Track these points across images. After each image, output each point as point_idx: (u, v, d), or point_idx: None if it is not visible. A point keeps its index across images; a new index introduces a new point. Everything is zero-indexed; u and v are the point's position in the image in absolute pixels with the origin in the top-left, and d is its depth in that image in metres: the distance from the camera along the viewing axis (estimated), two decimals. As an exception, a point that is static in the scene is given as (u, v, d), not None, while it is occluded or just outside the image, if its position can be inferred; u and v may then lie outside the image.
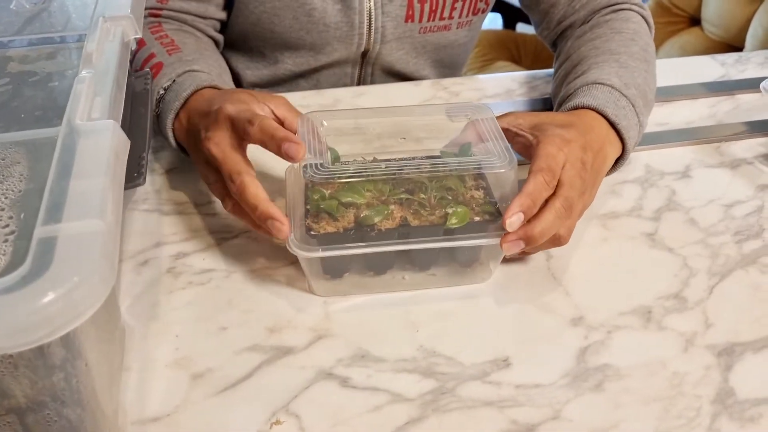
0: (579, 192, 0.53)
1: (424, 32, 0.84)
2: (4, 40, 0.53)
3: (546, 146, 0.53)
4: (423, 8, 0.81)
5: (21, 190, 0.37)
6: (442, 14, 0.82)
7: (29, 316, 0.29)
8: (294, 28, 0.80)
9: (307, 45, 0.82)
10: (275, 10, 0.78)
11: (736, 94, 0.82)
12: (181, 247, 0.60)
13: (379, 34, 0.82)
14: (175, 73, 0.65)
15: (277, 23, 0.79)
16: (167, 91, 0.63)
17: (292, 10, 0.78)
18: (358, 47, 0.83)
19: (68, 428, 0.39)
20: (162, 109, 0.63)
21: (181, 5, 0.75)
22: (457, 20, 0.84)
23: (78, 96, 0.42)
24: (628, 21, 0.74)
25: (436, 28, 0.84)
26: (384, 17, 0.80)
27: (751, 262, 0.59)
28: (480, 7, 0.84)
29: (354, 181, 0.52)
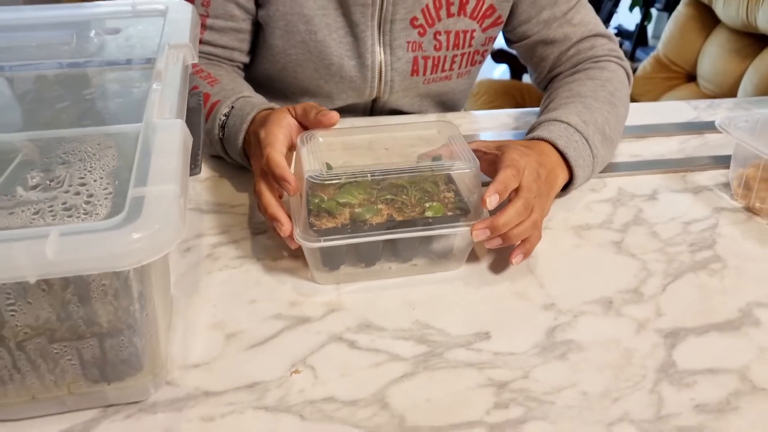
0: (535, 195, 0.64)
1: (427, 83, 0.96)
2: (89, 59, 0.66)
3: (510, 153, 0.65)
4: (426, 64, 0.93)
5: (114, 166, 0.49)
6: (443, 67, 0.95)
7: (124, 247, 0.40)
8: (314, 77, 0.92)
9: (325, 92, 0.94)
10: (299, 62, 0.90)
11: (704, 133, 0.94)
12: (218, 239, 0.71)
13: (388, 86, 0.94)
14: (230, 100, 0.76)
15: (299, 72, 0.91)
16: (228, 117, 0.75)
17: (313, 62, 0.90)
18: (369, 95, 0.95)
19: (134, 355, 0.49)
20: (229, 132, 0.74)
21: (208, 49, 0.88)
22: (457, 71, 0.96)
23: (153, 101, 0.54)
24: (604, 70, 0.86)
25: (438, 79, 0.96)
26: (392, 72, 0.92)
27: (701, 267, 0.69)
28: (477, 59, 0.96)
29: (347, 186, 0.63)
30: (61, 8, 0.73)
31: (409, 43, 0.89)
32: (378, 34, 0.87)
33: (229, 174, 0.81)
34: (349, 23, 0.86)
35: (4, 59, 0.67)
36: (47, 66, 0.67)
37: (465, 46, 0.91)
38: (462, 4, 0.87)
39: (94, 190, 0.46)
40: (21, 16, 0.73)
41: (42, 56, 0.68)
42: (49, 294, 0.44)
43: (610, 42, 0.90)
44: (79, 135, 0.52)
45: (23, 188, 0.46)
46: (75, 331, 0.46)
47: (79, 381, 0.50)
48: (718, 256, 0.71)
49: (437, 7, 0.87)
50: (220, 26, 0.87)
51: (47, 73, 0.67)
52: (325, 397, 0.54)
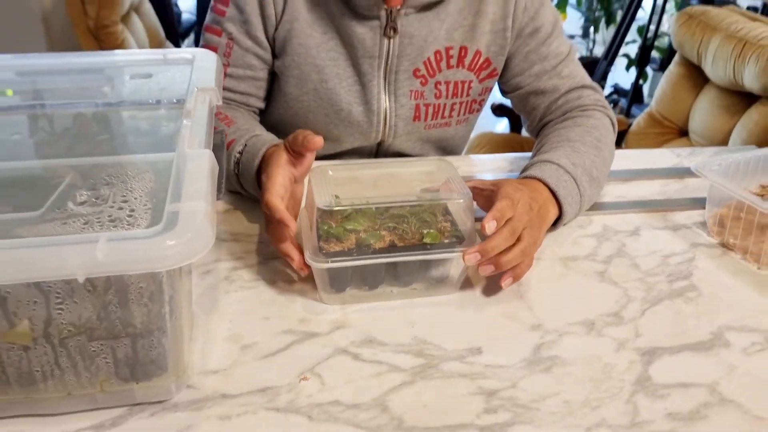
0: (525, 224, 0.71)
1: (428, 129, 1.04)
2: (124, 100, 0.74)
3: (506, 188, 0.72)
4: (427, 111, 1.01)
5: (151, 187, 0.56)
6: (443, 114, 1.03)
7: (161, 252, 0.47)
8: (324, 122, 1.00)
9: (334, 135, 1.02)
10: (311, 108, 0.98)
11: (684, 178, 1.01)
12: (235, 264, 0.77)
13: (392, 130, 1.02)
14: (244, 140, 0.84)
15: (311, 117, 1.00)
16: (242, 154, 0.83)
17: (324, 108, 0.98)
18: (375, 139, 1.03)
19: (161, 356, 0.55)
20: (243, 168, 0.82)
21: (227, 94, 0.96)
22: (456, 118, 1.04)
23: (184, 135, 0.61)
24: (590, 118, 0.94)
25: (438, 125, 1.04)
26: (396, 118, 1.00)
27: (678, 295, 0.75)
28: (474, 107, 1.05)
29: (353, 214, 0.70)
30: (99, 55, 0.82)
31: (412, 92, 0.97)
32: (384, 83, 0.96)
33: (244, 207, 0.88)
34: (358, 73, 0.95)
35: (46, 99, 0.75)
36: (85, 105, 0.75)
37: (463, 95, 0.99)
38: (460, 57, 0.96)
39: (135, 206, 0.53)
40: (62, 62, 0.82)
41: (80, 97, 0.76)
42: (92, 295, 0.50)
43: (595, 93, 0.99)
44: (120, 162, 0.59)
45: (73, 204, 0.53)
46: (112, 331, 0.52)
47: (111, 379, 0.55)
48: (693, 285, 0.77)
49: (438, 60, 0.95)
50: (239, 74, 0.96)
51: (85, 111, 0.75)
52: (331, 401, 0.59)
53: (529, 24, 0.96)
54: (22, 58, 0.77)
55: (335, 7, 0.91)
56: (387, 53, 0.93)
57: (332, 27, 0.93)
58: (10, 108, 0.71)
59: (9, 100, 0.72)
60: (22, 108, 0.71)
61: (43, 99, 0.76)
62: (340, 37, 0.93)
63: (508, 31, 0.96)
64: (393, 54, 0.93)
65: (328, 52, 0.93)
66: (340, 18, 0.92)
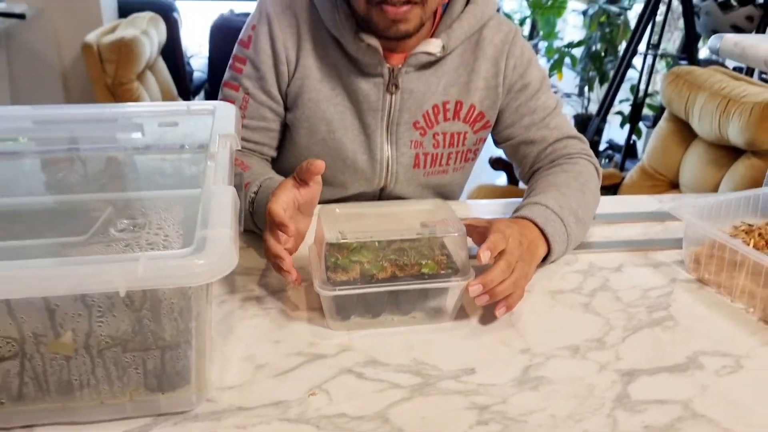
0: (517, 258, 0.78)
1: (427, 176, 1.12)
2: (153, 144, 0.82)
3: (498, 224, 0.80)
4: (426, 159, 1.10)
5: (182, 218, 0.63)
6: (441, 162, 1.11)
7: (192, 270, 0.54)
8: (332, 169, 1.08)
9: (340, 182, 1.10)
10: (320, 156, 1.06)
11: (665, 221, 1.08)
12: (248, 294, 0.84)
13: (393, 177, 1.10)
14: (259, 181, 0.92)
15: None
16: (257, 194, 0.91)
17: (331, 157, 1.07)
18: (378, 185, 1.11)
19: (186, 368, 0.61)
20: (257, 206, 0.90)
21: (243, 143, 1.05)
22: (453, 166, 1.13)
23: (210, 174, 0.69)
24: (576, 165, 1.02)
25: (436, 172, 1.12)
26: (397, 165, 1.09)
27: (656, 324, 0.81)
28: (470, 156, 1.13)
29: (358, 248, 0.77)
30: (131, 106, 0.91)
31: (412, 142, 1.06)
32: (386, 134, 1.05)
33: (257, 245, 0.96)
34: (363, 125, 1.04)
35: (80, 143, 0.84)
36: (115, 149, 0.83)
37: (459, 145, 1.08)
38: (456, 111, 1.05)
39: (169, 232, 0.61)
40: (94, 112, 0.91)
41: (115, 142, 0.85)
42: (130, 309, 0.57)
43: (580, 143, 1.07)
44: (153, 196, 0.67)
45: (115, 230, 0.60)
46: (144, 343, 0.59)
47: (140, 389, 0.61)
48: (671, 315, 0.83)
49: (435, 113, 1.04)
50: (254, 125, 1.05)
51: (116, 155, 0.83)
52: (337, 413, 0.65)
53: (519, 81, 1.06)
54: (61, 108, 0.86)
55: (342, 65, 1.01)
56: (389, 107, 1.03)
57: (340, 83, 1.02)
58: (53, 151, 0.79)
59: (53, 145, 0.80)
60: (63, 151, 0.79)
61: (79, 143, 0.85)
62: (346, 92, 1.02)
63: (499, 87, 1.05)
64: (395, 108, 1.03)
65: (336, 106, 1.02)
66: (347, 75, 1.01)
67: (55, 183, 0.73)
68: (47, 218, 0.65)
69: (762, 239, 0.94)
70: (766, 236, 0.94)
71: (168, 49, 2.86)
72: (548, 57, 4.17)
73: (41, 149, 0.78)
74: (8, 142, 0.83)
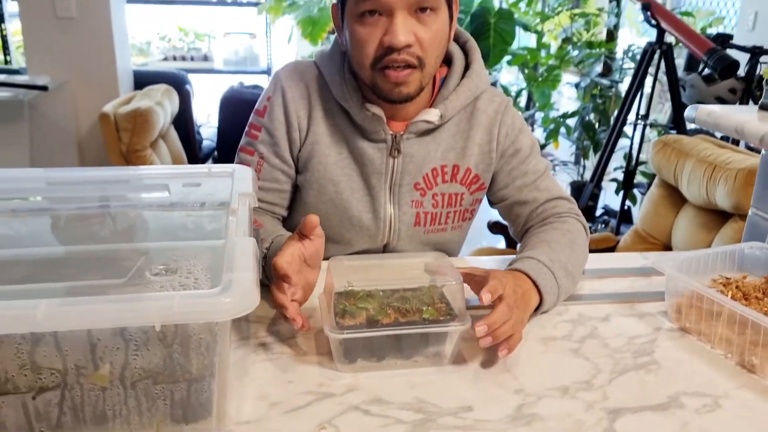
0: (514, 305, 0.85)
1: (427, 233, 1.20)
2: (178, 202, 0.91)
3: (495, 273, 0.88)
4: (426, 218, 1.18)
5: (209, 264, 0.71)
6: (440, 221, 1.20)
7: (220, 306, 0.61)
8: (338, 227, 1.17)
9: (346, 239, 1.19)
10: (328, 215, 1.16)
11: (651, 276, 1.16)
12: (261, 340, 0.91)
13: (396, 234, 1.18)
14: (270, 238, 1.01)
15: (326, 223, 1.17)
16: (269, 249, 0.99)
17: (338, 216, 1.16)
18: (381, 242, 1.19)
19: (209, 400, 0.68)
20: (269, 260, 0.97)
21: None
22: (451, 225, 1.21)
23: (232, 227, 0.77)
24: (565, 223, 1.10)
25: (436, 230, 1.20)
26: (400, 223, 1.18)
27: (641, 367, 0.87)
28: (466, 216, 1.22)
29: (364, 296, 0.85)
30: (158, 168, 1.00)
31: (413, 202, 1.14)
32: (389, 195, 1.14)
33: (268, 297, 1.02)
34: (367, 186, 1.13)
35: (110, 201, 0.92)
36: (145, 206, 0.92)
37: (456, 205, 1.17)
38: (453, 174, 1.14)
39: (198, 276, 0.68)
40: (125, 174, 1.00)
41: (141, 200, 0.93)
42: (162, 343, 0.64)
43: (569, 203, 1.16)
44: (183, 246, 0.75)
45: (150, 274, 0.68)
46: (173, 375, 0.66)
47: (166, 420, 0.68)
48: (655, 360, 0.89)
49: (434, 176, 1.14)
50: (268, 187, 1.14)
51: (144, 212, 0.92)
52: (345, 445, 0.71)
53: (511, 147, 1.15)
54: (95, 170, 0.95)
55: (349, 132, 1.11)
56: (392, 170, 1.12)
57: (347, 148, 1.12)
58: (88, 208, 0.88)
59: (87, 202, 0.89)
60: (98, 208, 0.88)
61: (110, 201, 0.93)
62: (353, 156, 1.12)
63: (493, 153, 1.15)
64: (397, 170, 1.12)
65: (343, 168, 1.12)
66: (353, 141, 1.11)
67: (92, 235, 0.81)
68: (88, 265, 0.73)
69: (739, 291, 1.01)
70: (742, 288, 1.01)
71: (180, 118, 3.01)
72: (544, 126, 4.33)
73: (80, 206, 0.86)
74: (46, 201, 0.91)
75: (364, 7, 0.97)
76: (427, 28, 1.00)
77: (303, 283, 0.91)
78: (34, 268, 0.74)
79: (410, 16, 0.98)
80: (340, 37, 1.09)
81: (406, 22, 0.98)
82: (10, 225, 0.89)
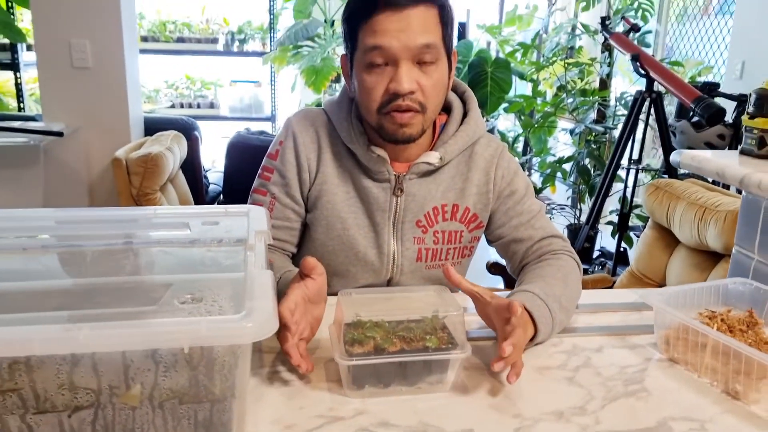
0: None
1: (428, 269, 1.27)
2: (198, 239, 0.98)
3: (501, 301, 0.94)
4: (427, 254, 1.25)
5: (231, 294, 0.77)
6: (440, 257, 1.27)
7: (243, 330, 0.67)
8: (344, 262, 1.24)
9: (351, 274, 1.25)
10: (335, 251, 1.23)
11: (642, 311, 1.22)
12: (274, 369, 0.96)
13: (399, 269, 1.25)
14: (279, 274, 1.08)
15: (333, 259, 1.24)
16: (278, 284, 1.05)
17: (345, 251, 1.23)
18: (385, 277, 1.26)
19: (230, 420, 0.73)
20: (278, 295, 1.04)
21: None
22: (451, 261, 1.28)
23: (250, 261, 0.84)
24: (559, 260, 1.17)
25: (436, 266, 1.27)
26: (402, 259, 1.25)
27: (632, 395, 0.93)
28: (466, 253, 1.29)
29: (372, 326, 0.91)
30: (179, 208, 1.07)
31: (415, 238, 1.22)
32: (392, 231, 1.21)
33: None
34: (372, 223, 1.20)
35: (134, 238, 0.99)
36: (165, 243, 0.99)
37: (456, 242, 1.24)
38: (453, 212, 1.22)
39: (222, 304, 0.75)
40: (143, 213, 1.07)
41: (161, 237, 1.00)
42: (189, 365, 0.70)
43: (562, 241, 1.23)
44: (206, 278, 0.82)
45: (178, 302, 0.74)
46: (197, 396, 0.71)
47: (190, 438, 0.73)
48: (645, 388, 0.95)
49: (435, 214, 1.21)
50: (279, 225, 1.21)
51: (165, 248, 0.98)
52: (355, 463, 0.76)
53: (507, 188, 1.23)
54: (122, 210, 1.03)
55: (356, 172, 1.19)
56: (395, 208, 1.19)
57: (353, 187, 1.20)
58: (114, 244, 0.95)
59: (113, 239, 0.96)
60: (123, 244, 0.95)
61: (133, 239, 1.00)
62: (359, 195, 1.20)
63: (490, 193, 1.23)
64: (400, 209, 1.19)
65: (350, 207, 1.19)
66: (359, 181, 1.19)
67: (119, 269, 0.88)
68: (119, 295, 0.79)
69: (724, 324, 1.07)
70: (727, 321, 1.07)
71: (188, 163, 3.10)
72: (541, 171, 4.43)
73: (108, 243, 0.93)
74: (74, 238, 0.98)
75: (373, 58, 1.07)
76: (428, 77, 1.09)
77: (310, 320, 0.97)
78: (68, 298, 0.81)
79: (413, 66, 1.08)
80: (348, 84, 1.18)
81: (410, 72, 1.07)
82: (41, 260, 0.96)
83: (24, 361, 0.67)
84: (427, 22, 1.07)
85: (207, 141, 3.79)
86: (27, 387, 0.68)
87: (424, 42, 1.06)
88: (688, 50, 4.53)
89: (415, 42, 1.06)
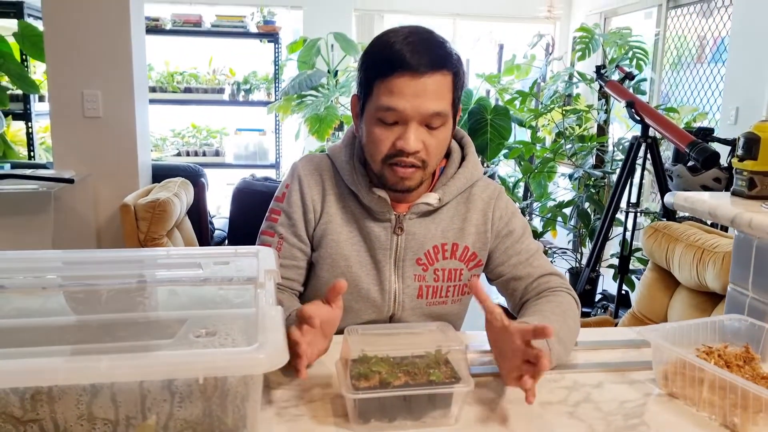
0: None
1: (429, 305, 1.31)
2: (209, 278, 1.02)
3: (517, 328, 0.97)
4: (428, 291, 1.29)
5: (244, 328, 0.81)
6: (440, 294, 1.30)
7: (256, 361, 0.71)
8: (348, 299, 1.27)
9: (354, 310, 1.29)
10: None
11: (641, 347, 1.24)
12: (283, 404, 0.99)
13: (400, 306, 1.29)
14: (288, 312, 1.11)
15: None
16: (286, 321, 1.09)
17: (349, 289, 1.26)
18: (387, 313, 1.29)
19: (241, 449, 0.76)
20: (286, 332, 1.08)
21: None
22: (451, 298, 1.31)
23: (261, 297, 0.88)
24: (558, 296, 1.21)
25: (437, 303, 1.31)
26: (404, 296, 1.28)
27: (631, 429, 0.95)
28: (465, 290, 1.32)
29: (377, 361, 0.94)
30: (192, 249, 1.11)
31: (416, 276, 1.26)
32: (394, 269, 1.25)
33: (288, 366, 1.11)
34: (374, 261, 1.25)
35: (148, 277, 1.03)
36: (178, 281, 1.03)
37: (455, 279, 1.28)
38: (453, 251, 1.26)
39: (235, 337, 0.78)
40: (156, 254, 1.11)
41: (174, 276, 1.04)
42: (203, 396, 0.73)
43: (560, 278, 1.27)
44: (219, 314, 0.85)
45: (194, 336, 0.78)
46: (210, 426, 0.74)
47: (203, 468, 0.75)
48: (644, 421, 0.97)
49: (435, 252, 1.25)
50: (287, 264, 1.25)
51: (177, 287, 1.02)
52: (362, 493, 0.78)
53: (504, 228, 1.28)
54: (137, 252, 1.07)
55: (359, 213, 1.24)
56: (396, 246, 1.24)
57: (356, 226, 1.24)
58: (129, 283, 0.99)
59: (128, 279, 1.00)
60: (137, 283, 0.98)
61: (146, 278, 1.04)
62: (361, 234, 1.24)
63: (488, 233, 1.27)
64: (401, 247, 1.24)
65: (353, 245, 1.24)
66: (362, 221, 1.24)
67: (135, 306, 0.91)
68: (135, 329, 0.83)
69: (721, 359, 1.09)
70: (724, 356, 1.10)
71: (194, 208, 3.16)
72: (542, 216, 4.48)
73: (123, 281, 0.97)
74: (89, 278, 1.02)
75: (385, 117, 1.13)
76: (434, 138, 1.15)
77: (315, 352, 1.01)
78: (86, 333, 0.84)
79: (421, 127, 1.14)
80: (356, 126, 1.24)
81: (418, 132, 1.13)
82: (58, 299, 0.99)
83: (46, 391, 0.70)
84: (441, 89, 1.13)
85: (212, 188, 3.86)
86: (47, 417, 0.72)
87: (436, 110, 1.13)
88: (683, 97, 4.64)
89: (427, 109, 1.12)
